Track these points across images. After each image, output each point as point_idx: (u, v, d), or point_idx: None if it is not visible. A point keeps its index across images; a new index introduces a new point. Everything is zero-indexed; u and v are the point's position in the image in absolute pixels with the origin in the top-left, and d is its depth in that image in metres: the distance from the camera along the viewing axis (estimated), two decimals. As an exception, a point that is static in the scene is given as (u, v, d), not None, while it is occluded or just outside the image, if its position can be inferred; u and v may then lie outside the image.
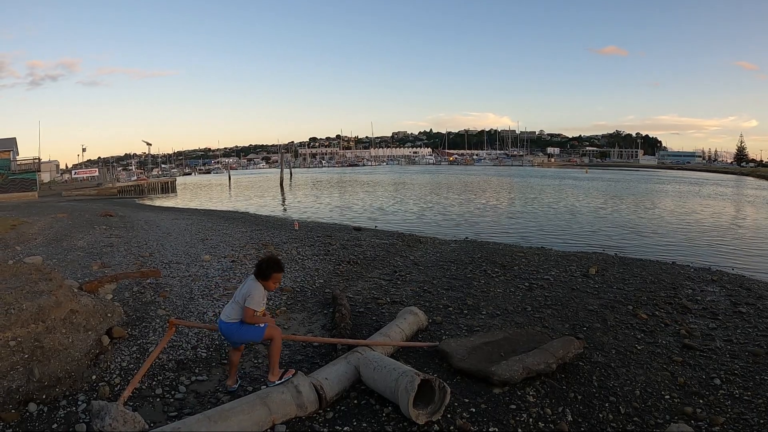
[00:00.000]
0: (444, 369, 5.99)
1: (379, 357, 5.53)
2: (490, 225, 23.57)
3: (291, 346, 6.70)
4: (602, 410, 5.21)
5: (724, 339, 7.41)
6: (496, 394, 5.37)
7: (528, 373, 5.62)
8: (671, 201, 38.28)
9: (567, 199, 39.16)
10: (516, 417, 4.94)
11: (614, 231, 21.87)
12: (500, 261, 12.47)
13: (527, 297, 9.40)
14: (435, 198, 39.20)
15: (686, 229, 23.03)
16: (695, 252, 16.84)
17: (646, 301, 9.22)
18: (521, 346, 6.38)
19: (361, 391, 5.34)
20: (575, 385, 5.74)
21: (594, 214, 28.66)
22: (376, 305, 8.65)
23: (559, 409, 5.17)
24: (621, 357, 6.61)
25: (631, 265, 12.62)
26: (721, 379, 6.00)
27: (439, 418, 4.83)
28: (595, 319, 8.18)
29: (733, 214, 29.90)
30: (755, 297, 9.82)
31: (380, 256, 12.96)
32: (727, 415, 5.15)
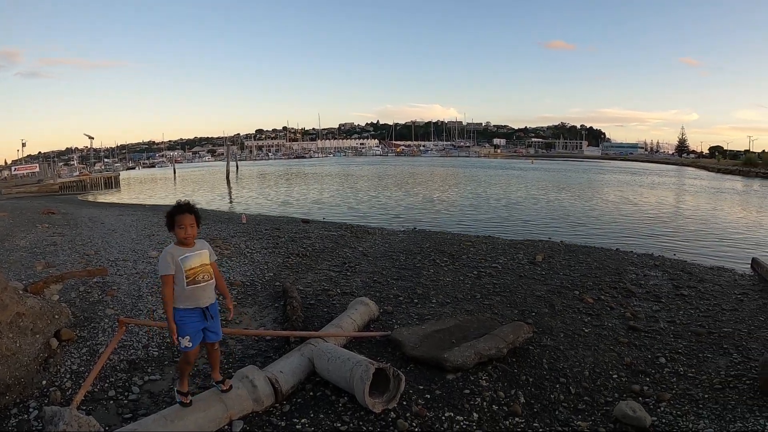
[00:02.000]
0: (397, 357, 6.22)
1: (333, 348, 5.67)
2: (438, 215, 24.13)
3: (243, 340, 6.79)
4: (553, 391, 5.59)
5: (668, 320, 8.05)
6: (450, 379, 5.64)
7: (480, 358, 5.92)
8: (614, 190, 40.28)
9: (513, 189, 40.50)
10: (470, 401, 5.23)
11: (560, 219, 22.91)
12: (449, 250, 12.88)
13: (476, 285, 9.81)
14: (383, 189, 39.59)
15: (629, 216, 24.44)
16: (638, 238, 18.00)
17: (592, 286, 9.84)
18: (472, 333, 6.70)
19: (317, 382, 5.50)
20: (526, 368, 6.11)
21: (540, 203, 29.83)
22: (326, 297, 8.83)
23: (511, 391, 5.51)
24: (569, 340, 7.08)
25: (577, 251, 13.38)
26: (666, 358, 6.54)
27: (395, 405, 5.04)
28: (543, 304, 8.67)
29: (674, 203, 31.89)
30: (696, 280, 10.67)
31: (329, 247, 13.19)
32: (674, 392, 5.64)
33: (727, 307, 8.86)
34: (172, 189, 48.08)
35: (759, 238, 18.88)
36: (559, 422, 5.00)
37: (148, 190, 51.70)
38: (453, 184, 46.36)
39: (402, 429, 4.67)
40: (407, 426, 4.72)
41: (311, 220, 19.98)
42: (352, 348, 6.36)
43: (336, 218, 22.06)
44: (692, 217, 24.54)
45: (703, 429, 4.86)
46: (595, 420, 5.05)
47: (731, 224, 22.57)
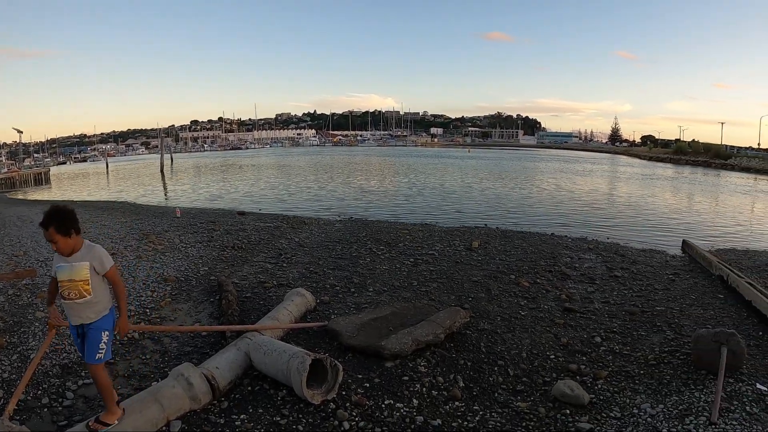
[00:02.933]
0: (335, 347, 6.19)
1: (269, 341, 5.58)
2: (374, 204, 24.20)
3: (179, 338, 6.61)
4: (492, 374, 5.71)
5: (602, 301, 8.40)
6: (389, 367, 5.66)
7: (418, 344, 5.96)
8: (549, 178, 41.54)
9: (450, 177, 41.05)
10: (410, 388, 5.26)
11: (496, 206, 23.42)
12: (385, 238, 12.98)
13: (413, 272, 9.92)
14: (319, 180, 39.33)
15: (563, 202, 25.30)
16: (573, 223, 18.67)
17: (528, 270, 10.14)
18: (409, 320, 6.75)
19: (254, 377, 5.40)
20: (464, 352, 6.21)
21: (476, 190, 30.39)
22: (263, 289, 8.74)
23: (450, 376, 5.58)
24: (506, 323, 7.25)
25: (512, 237, 13.77)
26: (602, 337, 6.81)
27: (335, 396, 5.01)
28: (480, 289, 8.85)
29: (607, 189, 33.21)
30: (629, 262, 11.19)
31: (265, 239, 13.06)
32: (610, 369, 5.87)
33: (659, 286, 9.33)
34: (105, 184, 46.28)
35: (689, 222, 19.94)
36: (499, 404, 5.11)
37: (80, 185, 49.57)
38: (390, 173, 46.58)
39: (342, 419, 4.65)
40: (347, 416, 4.70)
41: (247, 212, 19.73)
42: (290, 340, 6.30)
43: (272, 209, 21.82)
44: (625, 203, 25.66)
45: (640, 404, 5.06)
46: (535, 400, 5.18)
47: (662, 209, 23.72)
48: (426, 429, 4.59)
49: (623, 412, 4.95)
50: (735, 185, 40.40)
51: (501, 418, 4.84)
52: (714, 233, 17.72)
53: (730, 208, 24.99)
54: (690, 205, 25.65)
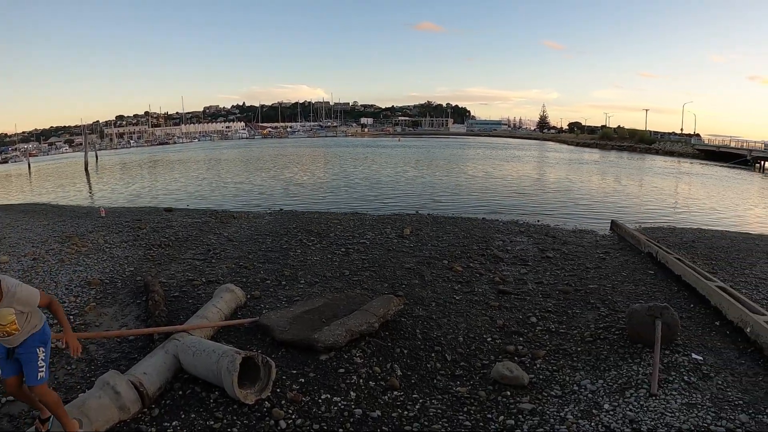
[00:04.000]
0: (268, 343, 6.01)
1: (198, 341, 5.34)
2: (305, 195, 24.02)
3: (105, 344, 6.23)
4: (429, 360, 5.69)
5: (536, 282, 8.58)
6: (324, 360, 5.53)
7: (352, 335, 5.86)
8: (479, 164, 42.37)
9: (381, 166, 41.16)
10: (346, 380, 5.15)
11: (427, 193, 23.66)
12: (316, 229, 12.86)
13: (345, 262, 9.84)
14: (248, 173, 38.58)
15: (494, 188, 25.84)
16: (504, 208, 19.07)
17: (461, 255, 10.25)
18: (342, 310, 6.63)
19: (185, 380, 5.15)
20: (400, 340, 6.16)
21: (407, 178, 30.60)
22: (191, 287, 8.43)
23: (387, 365, 5.51)
24: (441, 308, 7.26)
25: (444, 223, 13.93)
26: (537, 317, 6.93)
27: (269, 394, 4.83)
28: (413, 276, 8.85)
29: (536, 174, 34.19)
30: (560, 243, 11.56)
31: (193, 235, 12.68)
32: (547, 348, 5.97)
33: (590, 265, 9.67)
34: (27, 185, 43.83)
35: (616, 203, 20.84)
36: (438, 390, 5.08)
37: (1, 188, 46.85)
38: (320, 164, 46.31)
39: (278, 418, 4.50)
40: (283, 414, 4.56)
41: (174, 209, 19.11)
42: (220, 339, 6.08)
43: (201, 205, 21.26)
44: (554, 187, 26.54)
45: (580, 381, 5.17)
46: (474, 384, 5.19)
47: (590, 191, 24.67)
48: (365, 421, 4.51)
49: (564, 390, 5.03)
50: (659, 168, 42.44)
51: (441, 405, 4.82)
52: (641, 213, 18.56)
53: (655, 190, 26.24)
54: (617, 187, 26.76)
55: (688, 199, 24.22)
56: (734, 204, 24.17)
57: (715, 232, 15.52)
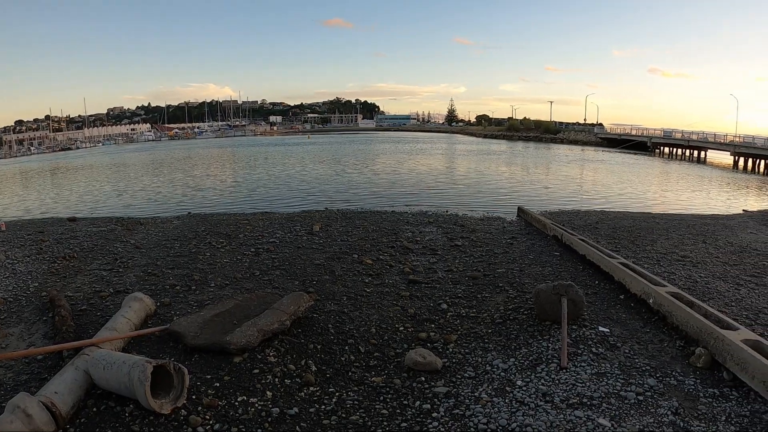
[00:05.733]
0: (180, 350, 5.84)
1: (108, 354, 5.11)
2: (213, 197, 23.54)
3: (13, 366, 5.81)
4: (343, 354, 5.72)
5: (445, 270, 8.83)
6: (238, 362, 5.44)
7: (264, 335, 5.80)
8: (388, 158, 43.00)
9: (289, 164, 40.92)
10: (261, 380, 5.10)
11: (336, 189, 23.81)
12: (225, 231, 12.67)
13: (255, 262, 9.75)
14: (154, 177, 37.20)
15: (403, 180, 26.40)
16: (413, 199, 19.54)
17: (370, 248, 10.39)
18: (253, 311, 6.56)
19: (99, 395, 4.90)
20: (313, 336, 6.16)
21: (315, 175, 30.62)
22: (99, 299, 8.05)
23: (302, 362, 5.50)
24: (353, 302, 7.32)
25: (353, 218, 14.08)
26: (448, 304, 7.14)
27: (185, 401, 4.69)
28: (324, 271, 8.87)
29: (445, 166, 35.15)
30: (468, 231, 11.97)
31: (99, 245, 12.10)
32: (459, 332, 6.15)
33: (498, 251, 10.08)
34: None
35: (523, 190, 21.82)
36: (354, 382, 5.13)
37: None
38: (228, 165, 45.43)
39: (196, 425, 4.38)
40: (201, 420, 4.44)
41: (78, 218, 18.19)
42: (132, 350, 5.85)
43: (106, 212, 20.39)
44: (462, 177, 27.44)
45: (492, 361, 5.36)
46: (389, 373, 5.27)
47: (498, 180, 25.67)
48: (283, 420, 4.49)
49: (477, 371, 5.19)
50: (564, 156, 44.43)
51: (358, 396, 4.87)
52: (548, 199, 19.48)
53: (561, 176, 27.53)
54: (524, 175, 27.85)
55: (592, 183, 25.59)
56: (636, 186, 25.75)
57: (618, 213, 16.49)
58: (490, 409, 4.45)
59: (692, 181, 30.81)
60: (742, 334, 5.26)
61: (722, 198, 24.08)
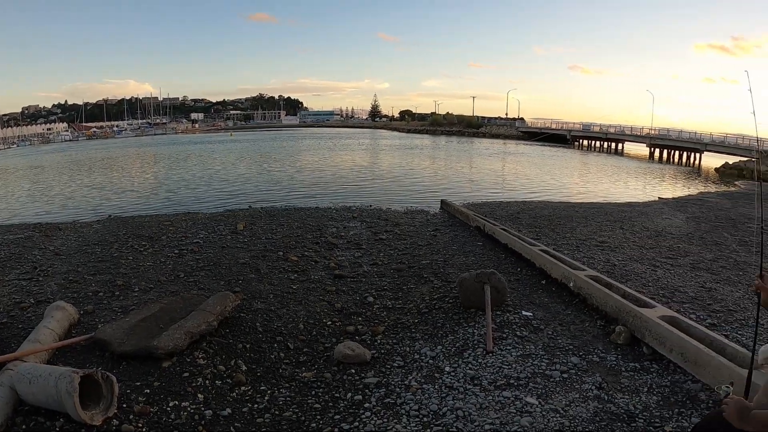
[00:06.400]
0: (107, 359, 5.66)
1: (33, 367, 4.89)
2: (134, 199, 22.75)
3: None
4: (273, 351, 5.73)
5: (371, 264, 9.00)
6: (167, 367, 5.34)
7: (192, 337, 5.73)
8: (312, 154, 43.00)
9: (212, 163, 40.12)
10: (192, 383, 5.03)
11: (260, 187, 23.60)
12: (147, 233, 12.34)
13: (179, 264, 9.56)
14: (71, 179, 35.60)
15: (327, 177, 26.46)
16: (337, 195, 19.66)
17: (295, 245, 10.40)
18: (179, 313, 6.45)
19: (27, 411, 4.67)
20: (242, 335, 6.12)
21: (239, 174, 30.19)
22: (20, 311, 7.66)
23: (231, 362, 5.47)
24: (279, 299, 7.32)
25: (278, 215, 14.05)
26: (374, 297, 7.28)
27: (116, 411, 4.57)
28: (249, 270, 8.81)
29: (368, 161, 35.49)
30: (392, 225, 12.23)
31: (16, 253, 11.48)
32: (386, 324, 6.29)
33: (422, 243, 10.36)
34: None
35: (447, 183, 22.35)
36: (285, 379, 5.15)
37: None
38: (149, 165, 43.96)
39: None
40: (133, 429, 4.35)
41: None
42: (57, 361, 5.62)
43: (21, 219, 19.39)
44: (386, 172, 27.76)
45: (420, 349, 5.51)
46: (319, 367, 5.32)
47: (422, 174, 26.13)
48: (217, 421, 4.46)
49: (406, 360, 5.31)
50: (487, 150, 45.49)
51: (290, 392, 4.89)
52: (471, 191, 20.01)
53: (483, 169, 28.24)
54: (447, 169, 28.44)
55: (514, 175, 26.38)
56: (556, 178, 26.68)
57: (539, 203, 17.10)
58: (421, 396, 4.58)
59: (610, 172, 32.21)
60: (659, 311, 5.64)
61: (639, 187, 25.32)
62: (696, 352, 4.71)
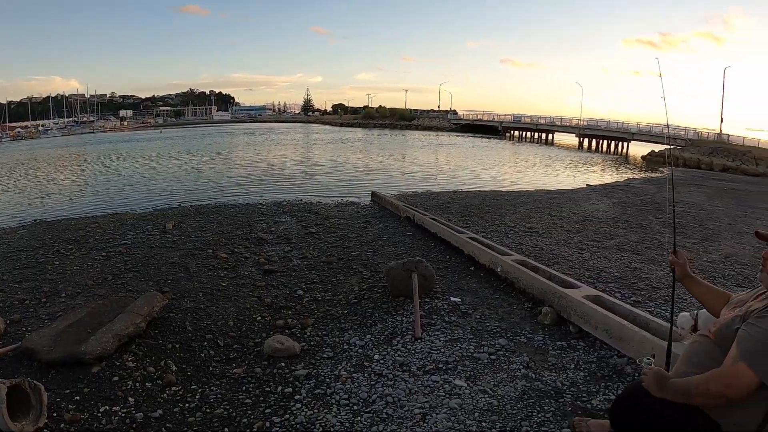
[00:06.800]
0: (36, 368, 5.48)
1: None
2: (61, 201, 21.92)
3: None
4: (203, 350, 5.66)
5: (300, 257, 9.04)
6: (96, 372, 5.22)
7: (120, 340, 5.61)
8: (243, 150, 42.68)
9: (141, 161, 39.08)
10: (122, 387, 4.92)
11: (189, 185, 23.22)
12: (73, 236, 11.93)
13: (106, 266, 9.32)
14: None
15: (258, 172, 26.36)
16: (268, 191, 19.71)
17: (225, 242, 10.34)
18: (107, 317, 6.31)
19: None
20: (171, 335, 6.04)
21: (168, 171, 29.56)
22: None
23: (161, 363, 5.37)
24: (209, 297, 7.25)
25: (207, 212, 13.91)
26: (304, 290, 7.31)
27: (46, 420, 4.43)
28: (179, 269, 8.70)
29: (300, 155, 35.55)
30: (323, 218, 12.33)
31: None
32: (316, 316, 6.32)
33: (352, 235, 10.50)
34: None
35: (379, 176, 22.62)
36: (216, 376, 5.10)
37: None
38: (76, 165, 42.31)
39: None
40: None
41: None
42: None
43: None
44: (318, 165, 27.93)
45: (349, 339, 5.58)
46: (250, 363, 5.30)
47: (353, 167, 26.39)
48: (148, 423, 4.38)
49: (335, 350, 5.36)
50: (420, 142, 45.98)
51: (221, 389, 4.85)
52: (403, 183, 20.32)
53: (415, 161, 28.62)
54: (379, 161, 28.70)
55: (446, 166, 26.84)
56: (487, 168, 27.27)
57: (469, 192, 17.47)
58: (351, 385, 4.62)
59: (541, 161, 33.14)
60: (584, 291, 5.87)
61: (568, 175, 26.17)
62: (620, 328, 4.91)
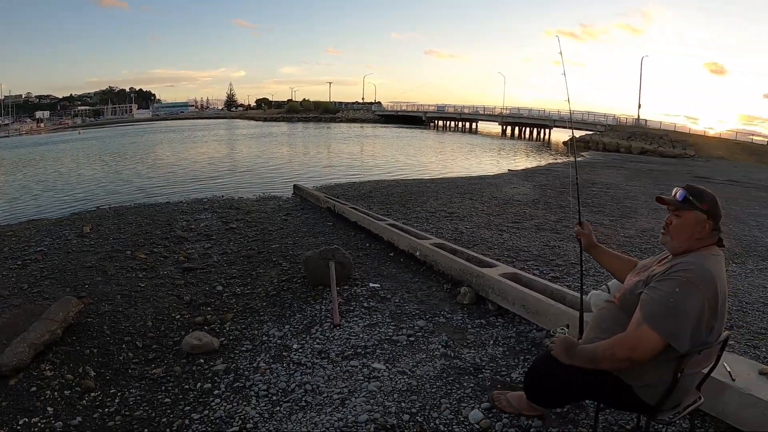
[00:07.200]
0: None
1: None
2: None
3: None
4: (121, 353, 5.58)
5: (220, 253, 9.01)
6: (14, 384, 5.06)
7: (36, 348, 5.46)
8: (164, 149, 41.76)
9: (59, 165, 37.53)
10: (41, 397, 4.80)
11: (109, 187, 22.51)
12: (-14, 247, 11.46)
13: (22, 275, 8.97)
14: None
15: (178, 170, 25.97)
16: (189, 188, 19.47)
17: (144, 243, 10.16)
18: (22, 326, 6.13)
19: None
20: (88, 340, 5.91)
21: (85, 174, 28.56)
22: None
23: (79, 369, 5.26)
24: (127, 299, 7.12)
25: (126, 213, 13.58)
26: (223, 285, 7.30)
27: None
28: (96, 273, 8.50)
29: (222, 152, 35.18)
30: (244, 213, 12.34)
31: None
32: (235, 310, 6.34)
33: (273, 228, 10.54)
34: None
35: (303, 169, 22.72)
36: (135, 378, 5.04)
37: None
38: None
39: None
40: None
41: None
42: None
43: None
44: (240, 161, 27.82)
45: (268, 331, 5.63)
46: (169, 362, 5.26)
47: (276, 161, 26.37)
48: (68, 431, 4.32)
49: (254, 343, 5.40)
50: (344, 134, 46.04)
51: (140, 391, 4.80)
52: (326, 175, 20.39)
53: (339, 153, 28.73)
54: (303, 154, 28.69)
55: (370, 157, 27.05)
56: (410, 157, 27.63)
57: (392, 181, 17.71)
58: (269, 376, 4.68)
59: (464, 149, 33.78)
60: (501, 269, 6.10)
61: (491, 161, 26.85)
62: (536, 302, 5.13)
